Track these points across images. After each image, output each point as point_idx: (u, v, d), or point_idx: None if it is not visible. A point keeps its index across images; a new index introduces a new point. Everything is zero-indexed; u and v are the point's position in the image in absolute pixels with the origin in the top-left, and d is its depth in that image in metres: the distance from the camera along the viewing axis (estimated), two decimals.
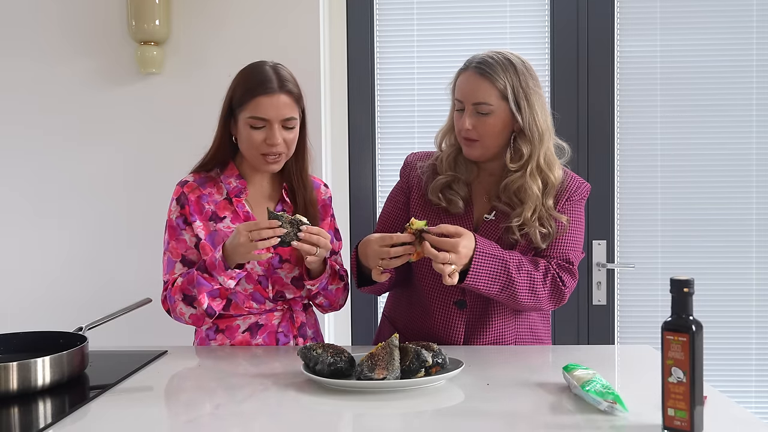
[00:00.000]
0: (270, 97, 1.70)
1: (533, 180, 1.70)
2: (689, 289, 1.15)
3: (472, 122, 1.69)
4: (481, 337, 1.77)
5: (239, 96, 1.73)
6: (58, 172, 2.56)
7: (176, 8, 2.52)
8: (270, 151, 1.72)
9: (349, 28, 2.65)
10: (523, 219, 1.70)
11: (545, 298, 1.70)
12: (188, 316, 1.72)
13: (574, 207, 1.78)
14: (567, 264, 1.75)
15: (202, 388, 1.50)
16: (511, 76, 1.68)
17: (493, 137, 1.71)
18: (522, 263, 1.67)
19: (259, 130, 1.71)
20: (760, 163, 2.57)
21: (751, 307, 2.60)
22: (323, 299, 1.82)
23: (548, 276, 1.70)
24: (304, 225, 1.64)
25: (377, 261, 1.61)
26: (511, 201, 1.72)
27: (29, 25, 2.55)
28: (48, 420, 1.30)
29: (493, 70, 1.68)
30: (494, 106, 1.68)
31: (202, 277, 1.67)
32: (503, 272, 1.63)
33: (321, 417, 1.30)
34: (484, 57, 1.71)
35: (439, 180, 1.77)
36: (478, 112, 1.69)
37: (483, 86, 1.68)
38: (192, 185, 1.80)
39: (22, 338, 1.60)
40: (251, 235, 1.60)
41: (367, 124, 2.66)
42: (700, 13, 2.57)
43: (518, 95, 1.68)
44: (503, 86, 1.67)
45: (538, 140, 1.70)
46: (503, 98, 1.68)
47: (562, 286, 1.71)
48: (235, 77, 1.77)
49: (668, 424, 1.15)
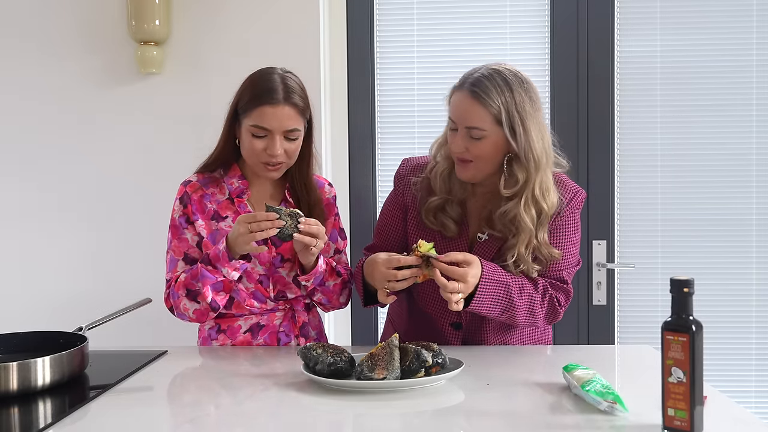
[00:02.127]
0: (274, 107, 1.68)
1: (527, 211, 1.64)
2: (689, 289, 1.15)
3: (465, 145, 1.64)
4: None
5: (245, 102, 1.72)
6: (57, 171, 2.56)
7: (176, 8, 2.52)
8: (270, 161, 1.72)
9: (349, 29, 2.65)
10: (517, 254, 1.66)
11: (541, 318, 1.71)
12: (192, 312, 1.72)
13: (568, 220, 1.74)
14: (561, 283, 1.74)
15: (202, 388, 1.50)
16: (507, 98, 1.59)
17: (486, 160, 1.65)
18: (524, 287, 1.66)
19: (260, 138, 1.70)
20: (760, 163, 2.57)
21: (751, 307, 2.60)
22: (321, 296, 1.81)
23: (546, 296, 1.70)
24: (301, 218, 1.64)
25: (384, 283, 1.61)
26: (506, 229, 1.69)
27: (29, 25, 2.55)
28: (48, 420, 1.30)
29: (487, 93, 1.59)
30: (488, 131, 1.61)
31: (206, 269, 1.67)
32: (506, 297, 1.63)
33: (321, 417, 1.30)
34: (479, 76, 1.62)
35: (432, 202, 1.74)
36: (471, 136, 1.62)
37: (476, 110, 1.60)
38: (195, 185, 1.81)
39: (22, 338, 1.60)
40: (250, 227, 1.60)
41: (367, 124, 2.66)
42: (700, 13, 2.57)
43: (513, 119, 1.59)
44: (497, 110, 1.59)
45: (534, 167, 1.62)
46: (497, 123, 1.60)
47: (558, 306, 1.72)
48: (244, 81, 1.76)
49: (668, 424, 1.15)
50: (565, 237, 1.74)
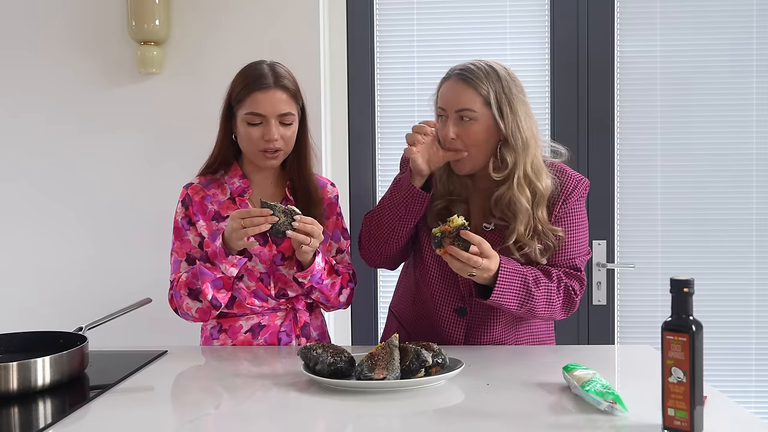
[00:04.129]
0: (265, 92, 1.72)
1: (521, 191, 1.67)
2: (689, 289, 1.15)
3: (456, 130, 1.67)
4: (479, 342, 1.78)
5: (237, 93, 1.75)
6: (57, 171, 2.56)
7: (176, 8, 2.52)
8: (267, 147, 1.73)
9: (349, 28, 2.65)
10: (517, 235, 1.67)
11: (559, 308, 1.71)
12: (195, 311, 1.73)
13: (574, 207, 1.75)
14: (575, 271, 1.74)
15: (202, 388, 1.50)
16: (494, 83, 1.66)
17: (478, 146, 1.68)
18: (539, 277, 1.67)
19: (256, 126, 1.73)
20: (760, 163, 2.57)
21: (751, 307, 2.60)
22: (319, 294, 1.80)
23: (561, 286, 1.70)
24: (296, 215, 1.65)
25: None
26: (505, 215, 1.70)
27: (29, 25, 2.55)
28: (48, 420, 1.30)
29: (476, 76, 1.66)
30: (478, 112, 1.66)
31: (205, 266, 1.68)
32: (523, 288, 1.63)
33: (321, 417, 1.30)
34: (467, 65, 1.70)
35: (436, 206, 1.76)
36: (462, 118, 1.67)
37: (466, 93, 1.66)
38: (196, 187, 1.82)
39: (22, 338, 1.60)
40: (243, 222, 1.61)
41: (367, 124, 2.66)
42: (700, 13, 2.57)
43: (501, 101, 1.66)
44: (486, 92, 1.65)
45: (522, 148, 1.67)
46: (486, 104, 1.66)
47: (574, 294, 1.72)
48: (234, 77, 1.79)
49: (668, 424, 1.16)
50: (573, 223, 1.75)
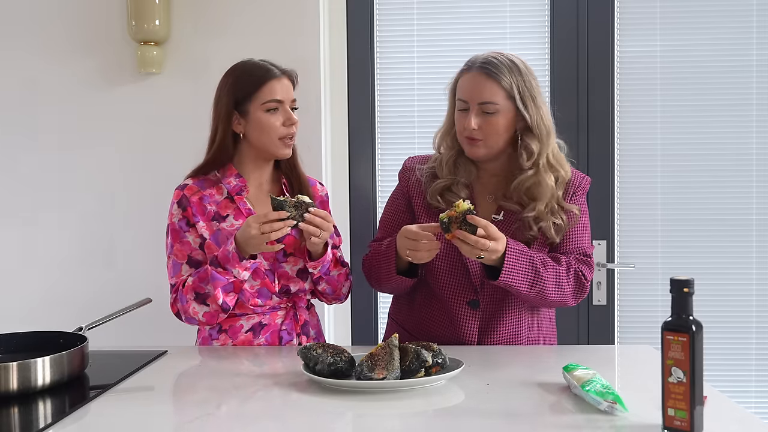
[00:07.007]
0: (279, 80, 1.78)
1: (547, 176, 1.73)
2: (689, 289, 1.15)
3: (478, 122, 1.71)
4: (494, 336, 1.78)
5: (244, 90, 1.76)
6: (57, 171, 2.56)
7: (176, 8, 2.52)
8: (289, 132, 1.78)
9: (349, 28, 2.65)
10: (537, 212, 1.72)
11: (570, 292, 1.74)
12: (202, 315, 1.72)
13: (580, 201, 1.81)
14: (585, 257, 1.78)
15: (202, 388, 1.50)
16: (516, 76, 1.71)
17: (497, 136, 1.73)
18: (546, 260, 1.71)
19: (275, 113, 1.77)
20: (760, 163, 2.57)
21: (751, 307, 2.60)
22: (326, 285, 1.82)
23: (570, 270, 1.74)
24: (311, 207, 1.68)
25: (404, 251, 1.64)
26: (522, 200, 1.75)
27: (29, 25, 2.55)
28: (48, 420, 1.30)
29: (499, 70, 1.70)
30: (500, 105, 1.70)
31: (216, 271, 1.68)
32: (532, 269, 1.66)
33: (321, 417, 1.30)
34: (488, 57, 1.73)
35: (438, 183, 1.78)
36: (485, 111, 1.70)
37: (489, 86, 1.70)
38: (193, 188, 1.81)
39: (22, 338, 1.60)
40: (263, 228, 1.63)
41: (367, 124, 2.66)
42: (700, 13, 2.57)
43: (524, 94, 1.71)
44: (509, 86, 1.70)
45: (545, 137, 1.73)
46: (509, 98, 1.71)
47: (584, 279, 1.75)
48: (225, 79, 1.81)
49: (668, 424, 1.15)
50: (580, 215, 1.79)
